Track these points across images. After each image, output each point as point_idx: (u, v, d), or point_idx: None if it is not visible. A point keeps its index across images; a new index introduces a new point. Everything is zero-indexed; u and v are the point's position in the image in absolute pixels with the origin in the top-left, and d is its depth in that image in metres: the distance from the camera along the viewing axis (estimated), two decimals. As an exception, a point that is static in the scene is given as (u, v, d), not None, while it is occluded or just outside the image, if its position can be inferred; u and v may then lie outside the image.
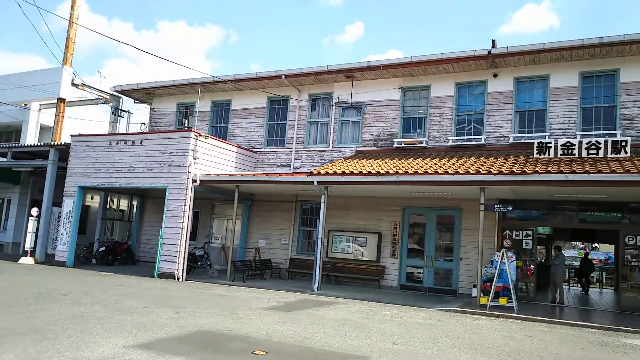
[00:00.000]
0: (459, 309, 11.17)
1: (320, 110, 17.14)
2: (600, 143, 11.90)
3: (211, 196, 16.93)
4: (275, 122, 17.74)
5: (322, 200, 13.51)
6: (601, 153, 11.83)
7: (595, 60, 13.34)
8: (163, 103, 19.93)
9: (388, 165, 13.28)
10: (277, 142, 17.59)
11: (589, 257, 19.86)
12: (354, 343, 7.15)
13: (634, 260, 12.41)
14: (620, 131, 12.84)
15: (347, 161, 14.71)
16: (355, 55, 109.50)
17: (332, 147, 16.48)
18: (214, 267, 16.38)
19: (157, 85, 18.93)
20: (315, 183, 13.28)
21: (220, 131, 18.58)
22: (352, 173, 12.83)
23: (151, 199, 19.08)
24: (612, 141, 11.82)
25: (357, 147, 16.09)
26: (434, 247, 14.60)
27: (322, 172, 13.31)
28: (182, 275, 14.48)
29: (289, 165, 17.01)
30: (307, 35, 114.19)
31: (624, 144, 11.68)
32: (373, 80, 16.04)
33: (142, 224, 19.32)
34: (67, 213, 16.41)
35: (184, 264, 14.56)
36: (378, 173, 12.50)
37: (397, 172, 12.30)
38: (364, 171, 12.75)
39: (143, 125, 19.98)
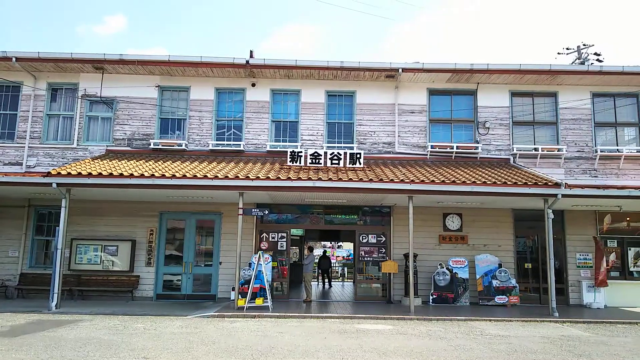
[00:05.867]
0: (216, 313, 11.07)
1: (62, 102, 14.92)
2: (341, 155, 13.47)
3: None
4: (2, 112, 14.72)
5: (63, 205, 11.75)
6: (342, 163, 13.39)
7: (338, 81, 15.07)
8: None
9: (143, 168, 12.37)
10: (5, 136, 14.62)
11: (327, 254, 22.32)
12: (95, 365, 6.28)
13: (366, 256, 14.42)
14: (357, 145, 14.78)
15: (96, 161, 13.16)
16: (116, 49, 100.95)
17: (78, 144, 14.53)
18: None
19: None
20: (54, 185, 11.45)
21: None
22: (100, 175, 11.50)
23: None
24: (350, 153, 13.51)
25: (107, 146, 14.57)
26: (194, 252, 14.23)
27: (64, 172, 11.57)
28: None
29: (21, 164, 14.32)
30: (58, 20, 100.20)
31: (358, 156, 13.49)
32: (127, 75, 14.79)
33: None
34: None
35: None
36: (131, 175, 11.51)
37: (152, 175, 11.55)
38: (115, 173, 11.58)
39: None
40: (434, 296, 13.57)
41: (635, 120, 15.07)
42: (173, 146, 14.45)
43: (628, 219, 14.57)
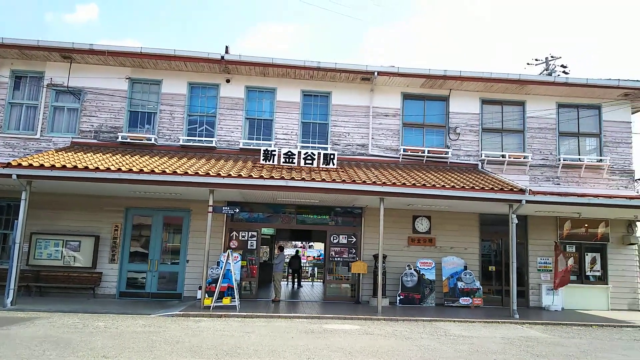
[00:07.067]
0: (181, 312, 10.87)
1: (26, 91, 14.38)
2: (314, 155, 13.44)
3: None
4: (-39, 99, 14.11)
5: (24, 197, 11.31)
6: (315, 163, 13.36)
7: (314, 81, 15.03)
8: None
9: (110, 161, 12.05)
10: (-38, 124, 14.03)
11: (298, 253, 22.28)
12: (53, 364, 6.06)
13: (337, 256, 14.44)
14: (331, 145, 14.79)
15: (60, 153, 12.74)
16: (86, 39, 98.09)
17: (41, 135, 14.04)
18: None
19: None
20: (14, 177, 11.01)
21: None
22: (64, 167, 11.13)
23: None
24: (324, 154, 13.49)
25: (73, 138, 14.13)
26: (160, 250, 13.94)
27: (25, 164, 11.15)
28: None
29: (-21, 154, 13.75)
30: (25, 6, 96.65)
31: (332, 157, 13.50)
32: (97, 65, 14.38)
33: None
34: None
35: None
36: (97, 169, 11.20)
37: (119, 169, 11.27)
38: (80, 166, 11.23)
39: None
40: (402, 297, 13.71)
41: (597, 131, 15.60)
42: (142, 140, 14.12)
43: (586, 225, 15.08)
